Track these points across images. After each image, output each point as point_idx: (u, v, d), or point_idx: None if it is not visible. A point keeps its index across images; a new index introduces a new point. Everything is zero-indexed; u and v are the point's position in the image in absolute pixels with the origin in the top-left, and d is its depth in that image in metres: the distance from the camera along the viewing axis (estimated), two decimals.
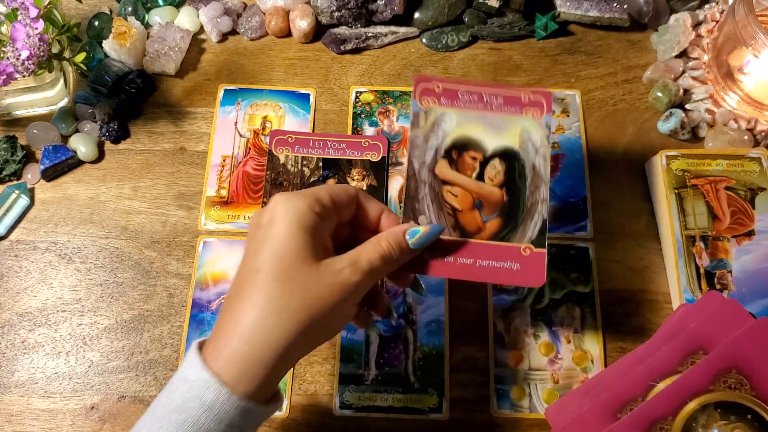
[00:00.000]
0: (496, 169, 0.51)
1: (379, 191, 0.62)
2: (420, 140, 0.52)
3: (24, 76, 0.57)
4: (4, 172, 0.63)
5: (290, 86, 0.68)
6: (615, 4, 0.69)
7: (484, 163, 0.51)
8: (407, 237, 0.43)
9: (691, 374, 0.41)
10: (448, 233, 0.49)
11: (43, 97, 0.65)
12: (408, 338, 0.57)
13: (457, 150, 0.52)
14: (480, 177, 0.51)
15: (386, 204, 0.62)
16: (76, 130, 0.65)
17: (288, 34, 0.71)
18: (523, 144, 0.52)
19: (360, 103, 0.67)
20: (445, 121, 0.52)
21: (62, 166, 0.63)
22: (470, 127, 0.52)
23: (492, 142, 0.52)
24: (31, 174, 0.63)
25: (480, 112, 0.52)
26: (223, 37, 0.71)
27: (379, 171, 0.63)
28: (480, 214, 0.50)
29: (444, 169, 0.51)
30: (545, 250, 0.49)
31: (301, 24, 0.69)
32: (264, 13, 0.71)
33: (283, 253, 0.37)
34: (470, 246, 0.49)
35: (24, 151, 0.64)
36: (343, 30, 0.69)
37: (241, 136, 0.66)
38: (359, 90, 0.68)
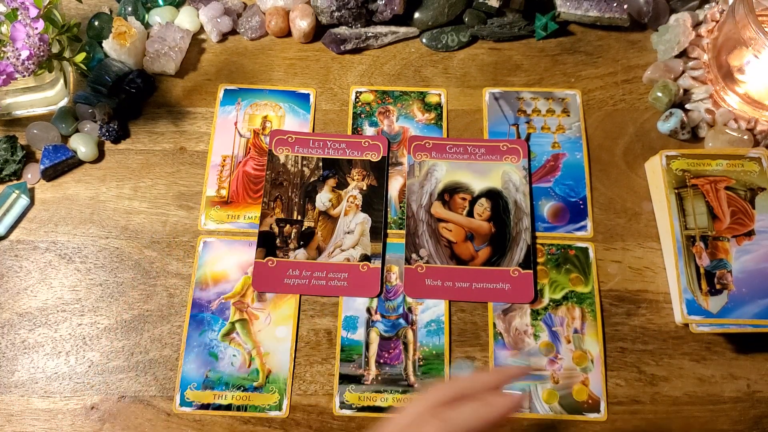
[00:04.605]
0: (483, 206, 0.61)
1: (379, 191, 0.62)
2: (416, 186, 0.62)
3: (24, 76, 0.57)
4: (4, 172, 0.63)
5: (290, 86, 0.68)
6: (615, 4, 0.69)
7: (473, 201, 0.61)
8: None
9: None
10: (446, 262, 0.59)
11: (43, 97, 0.65)
12: (408, 338, 0.57)
13: (449, 193, 0.62)
14: (470, 214, 0.61)
15: (386, 204, 0.62)
16: (76, 130, 0.65)
17: (288, 34, 0.71)
18: (504, 184, 0.62)
19: (360, 103, 0.67)
20: (436, 170, 0.62)
21: (62, 166, 0.63)
22: (458, 173, 0.62)
23: (478, 185, 0.62)
24: (31, 174, 0.63)
25: (466, 161, 0.63)
26: (223, 37, 0.71)
27: (379, 171, 0.63)
28: (472, 244, 0.60)
29: (439, 209, 0.61)
30: (531, 271, 0.58)
31: (301, 24, 0.69)
32: (264, 13, 0.71)
33: None
34: (466, 272, 0.58)
35: (24, 151, 0.64)
36: (343, 30, 0.69)
37: (241, 136, 0.66)
38: (359, 90, 0.68)
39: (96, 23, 0.68)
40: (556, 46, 0.70)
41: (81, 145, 0.63)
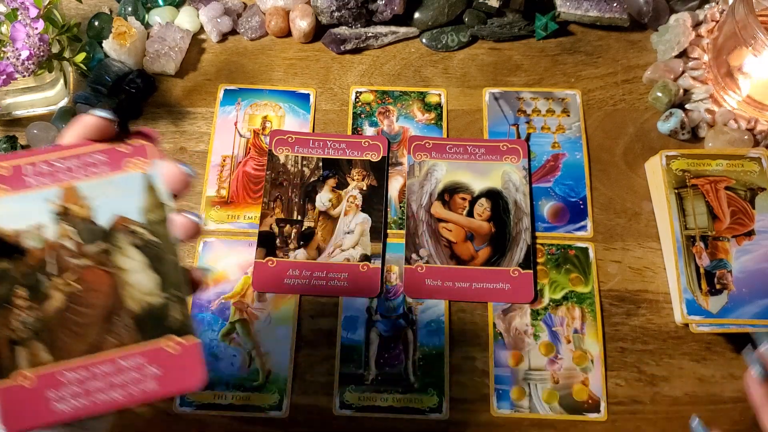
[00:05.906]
0: (483, 206, 0.61)
1: (379, 191, 0.62)
2: (416, 186, 0.62)
3: (24, 76, 0.57)
4: None
5: (290, 86, 0.68)
6: (615, 4, 0.69)
7: (473, 201, 0.61)
8: None
9: None
10: (446, 262, 0.59)
11: (43, 97, 0.65)
12: (408, 338, 0.57)
13: (449, 193, 0.62)
14: (470, 214, 0.61)
15: (386, 205, 0.62)
16: None
17: (288, 34, 0.71)
18: (504, 184, 0.62)
19: (360, 103, 0.67)
20: (436, 170, 0.62)
21: None
22: (458, 173, 0.62)
23: (478, 185, 0.62)
24: None
25: (466, 161, 0.63)
26: (223, 37, 0.71)
27: (379, 171, 0.63)
28: (472, 244, 0.60)
29: (439, 209, 0.61)
30: (531, 271, 0.58)
31: (301, 24, 0.69)
32: (264, 13, 0.71)
33: None
34: (466, 272, 0.58)
35: None
36: (343, 30, 0.69)
37: (241, 136, 0.66)
38: (359, 90, 0.68)
39: (96, 23, 0.68)
40: (556, 46, 0.70)
41: None
